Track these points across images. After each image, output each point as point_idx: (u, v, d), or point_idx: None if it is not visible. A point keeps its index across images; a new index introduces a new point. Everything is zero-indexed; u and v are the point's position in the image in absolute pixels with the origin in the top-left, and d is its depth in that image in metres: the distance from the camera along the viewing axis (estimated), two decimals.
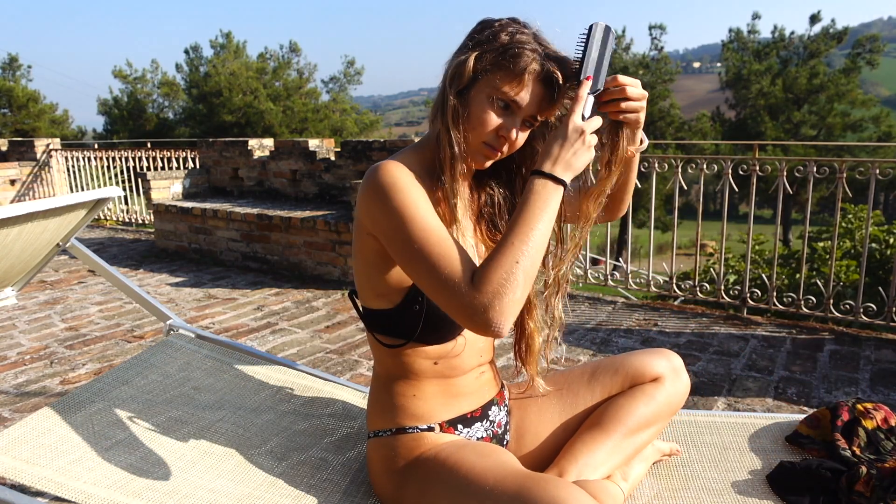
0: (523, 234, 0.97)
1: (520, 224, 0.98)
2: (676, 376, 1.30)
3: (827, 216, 17.30)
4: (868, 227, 3.50)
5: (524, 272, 0.95)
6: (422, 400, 1.17)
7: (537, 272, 1.00)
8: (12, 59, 25.45)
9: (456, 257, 0.98)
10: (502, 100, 1.04)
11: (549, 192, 0.99)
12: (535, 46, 1.04)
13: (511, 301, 0.94)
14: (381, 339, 1.16)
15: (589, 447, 1.22)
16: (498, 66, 1.03)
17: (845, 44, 24.20)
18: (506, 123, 1.06)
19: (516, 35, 1.04)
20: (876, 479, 1.25)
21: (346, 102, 26.68)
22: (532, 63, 1.03)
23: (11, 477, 1.11)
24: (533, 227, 0.97)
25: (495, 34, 1.05)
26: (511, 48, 1.03)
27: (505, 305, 0.93)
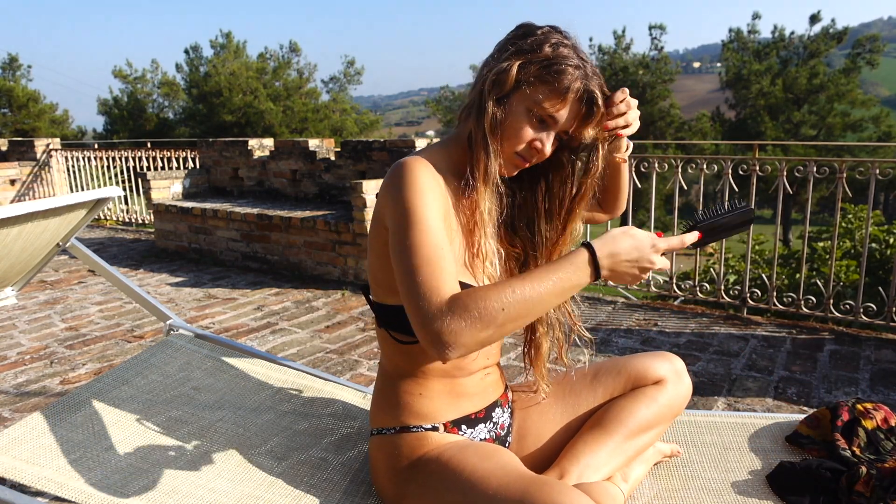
0: (529, 288, 0.93)
1: (533, 278, 0.94)
2: (679, 379, 1.31)
3: (827, 216, 17.30)
4: (868, 227, 3.50)
5: (502, 321, 0.91)
6: (427, 399, 1.17)
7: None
8: (12, 59, 25.44)
9: (441, 268, 0.95)
10: (540, 114, 1.05)
11: (580, 275, 0.96)
12: (577, 62, 1.03)
13: (474, 338, 0.90)
14: (395, 336, 1.15)
15: (590, 448, 1.23)
16: (541, 81, 1.03)
17: (845, 44, 24.20)
18: (540, 137, 1.06)
19: (559, 48, 1.04)
20: (876, 479, 1.25)
21: (346, 102, 26.68)
22: (575, 81, 1.03)
23: (11, 477, 1.11)
24: (542, 289, 0.93)
25: (539, 44, 1.04)
26: (555, 63, 1.02)
27: (465, 337, 0.90)
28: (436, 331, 0.90)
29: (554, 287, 0.94)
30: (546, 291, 0.93)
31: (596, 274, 0.97)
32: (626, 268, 0.98)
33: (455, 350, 0.90)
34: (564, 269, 0.95)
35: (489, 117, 1.05)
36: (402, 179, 1.02)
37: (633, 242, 0.98)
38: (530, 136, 1.06)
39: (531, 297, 0.92)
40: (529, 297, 0.92)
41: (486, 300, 0.91)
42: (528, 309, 0.93)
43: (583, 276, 0.96)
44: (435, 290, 0.93)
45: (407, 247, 0.97)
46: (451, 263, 0.98)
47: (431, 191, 1.02)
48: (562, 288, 0.95)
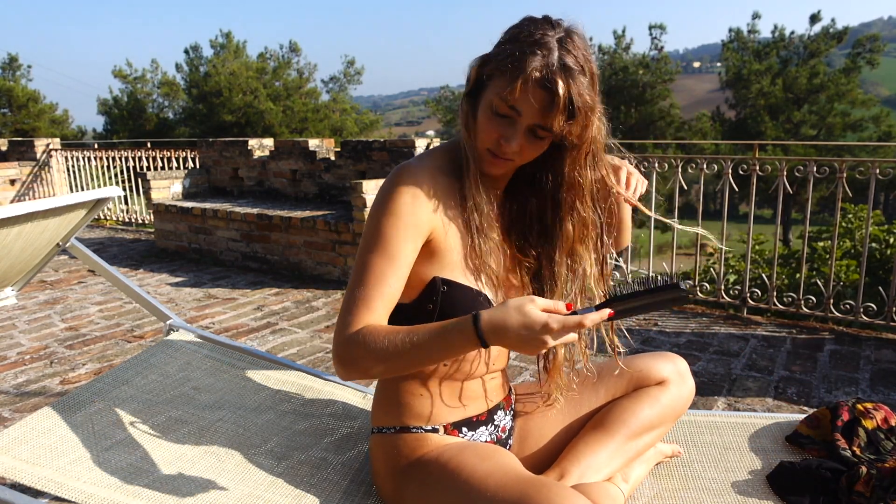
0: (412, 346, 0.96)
1: (422, 336, 0.96)
2: (682, 380, 1.30)
3: (827, 216, 17.30)
4: (868, 226, 3.50)
5: (386, 367, 0.98)
6: (428, 400, 1.16)
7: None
8: (12, 59, 25.43)
9: (372, 299, 1.01)
10: (498, 107, 1.00)
11: (464, 342, 0.93)
12: (547, 50, 0.96)
13: (361, 371, 1.00)
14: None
15: (592, 449, 1.22)
16: (500, 71, 0.99)
17: (845, 44, 24.18)
18: (505, 132, 1.01)
19: (532, 37, 0.97)
20: (876, 479, 1.25)
21: (346, 102, 26.67)
22: (532, 69, 0.95)
23: (11, 477, 1.11)
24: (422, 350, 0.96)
25: (514, 36, 1.00)
26: (518, 52, 0.97)
27: (353, 369, 1.00)
28: (338, 353, 1.01)
29: (439, 347, 0.95)
30: (431, 349, 0.96)
31: (481, 342, 0.92)
32: (516, 344, 0.91)
33: (349, 373, 1.01)
34: (451, 332, 0.94)
35: (462, 114, 1.06)
36: (387, 193, 1.05)
37: (524, 321, 0.89)
38: (495, 130, 1.02)
39: (417, 351, 0.96)
40: (415, 351, 0.96)
41: (378, 341, 0.97)
42: (414, 359, 0.97)
43: (467, 343, 0.93)
44: (356, 316, 1.01)
45: (361, 264, 1.04)
46: (391, 298, 1.03)
47: (411, 214, 1.04)
48: (446, 350, 0.96)
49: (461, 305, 1.08)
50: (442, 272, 1.09)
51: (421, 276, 1.09)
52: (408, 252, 1.04)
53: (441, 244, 1.08)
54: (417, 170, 1.07)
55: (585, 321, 0.88)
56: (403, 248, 1.03)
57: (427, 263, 1.09)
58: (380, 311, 1.02)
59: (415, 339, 0.96)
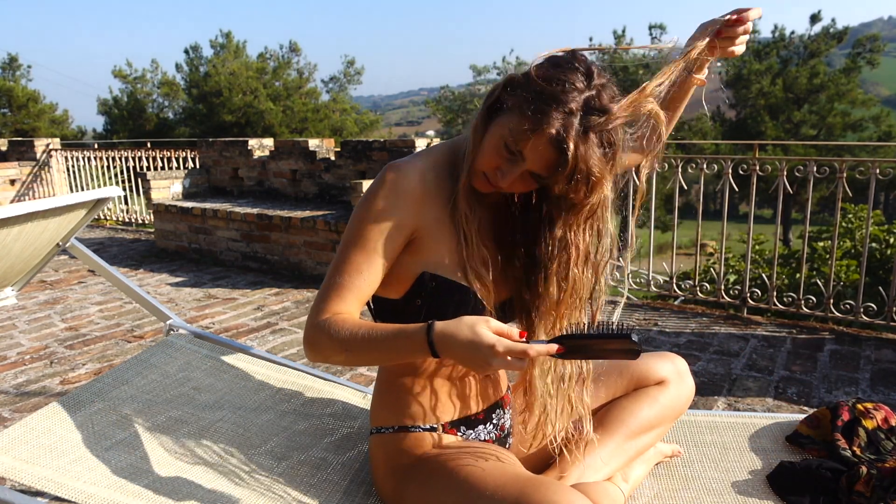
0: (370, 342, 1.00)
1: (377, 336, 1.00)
2: (681, 380, 1.31)
3: (827, 216, 17.29)
4: (868, 226, 3.50)
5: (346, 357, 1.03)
6: (426, 399, 1.17)
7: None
8: (12, 59, 25.43)
9: (347, 291, 1.06)
10: (507, 144, 0.99)
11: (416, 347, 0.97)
12: (569, 110, 0.93)
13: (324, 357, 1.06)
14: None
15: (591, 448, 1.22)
16: (520, 109, 0.97)
17: (845, 43, 24.18)
18: (504, 167, 1.01)
19: (562, 85, 0.94)
20: (876, 479, 1.25)
21: (346, 102, 26.66)
22: (549, 127, 0.93)
23: (11, 477, 1.11)
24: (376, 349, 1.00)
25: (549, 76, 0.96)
26: (543, 100, 0.94)
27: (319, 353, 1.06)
28: (306, 336, 1.06)
29: (393, 348, 1.00)
30: (387, 348, 1.00)
31: (432, 351, 0.95)
32: (462, 359, 0.94)
33: (314, 356, 1.06)
34: (406, 336, 0.98)
35: (474, 127, 1.06)
36: (372, 190, 1.08)
37: (472, 339, 0.91)
38: (495, 163, 1.01)
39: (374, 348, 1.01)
40: (373, 347, 1.00)
41: (342, 332, 1.02)
42: (371, 354, 1.03)
43: (419, 350, 0.97)
44: (328, 304, 1.05)
45: (339, 258, 1.08)
46: (366, 290, 1.07)
47: (394, 211, 1.06)
48: (398, 351, 1.00)
49: (450, 301, 1.08)
50: (431, 268, 1.09)
51: (410, 271, 1.09)
52: (387, 249, 1.06)
53: (429, 241, 1.08)
54: (406, 167, 1.07)
55: (530, 351, 0.90)
56: (382, 245, 1.06)
57: (416, 259, 1.09)
58: (351, 302, 1.06)
59: (373, 336, 1.00)
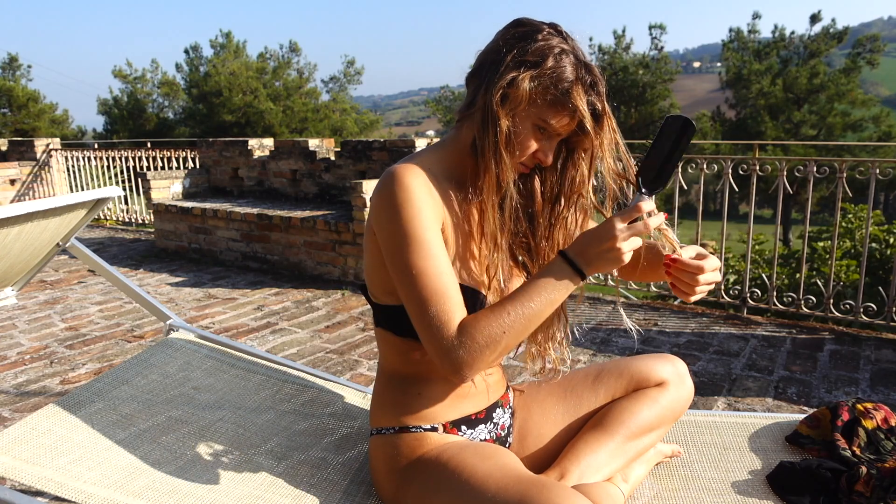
0: (522, 306, 1.01)
1: (523, 296, 1.01)
2: (681, 381, 1.31)
3: (827, 216, 17.29)
4: (868, 226, 3.50)
5: (506, 343, 1.00)
6: (426, 399, 1.17)
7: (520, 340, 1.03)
8: (12, 58, 25.44)
9: (448, 297, 1.01)
10: (546, 129, 1.06)
11: (562, 279, 1.01)
12: (580, 73, 1.03)
13: (486, 362, 1.01)
14: (390, 334, 1.16)
15: (591, 449, 1.22)
16: (549, 99, 1.03)
17: (845, 44, 24.18)
18: (544, 147, 1.09)
19: (561, 57, 1.03)
20: (876, 479, 1.25)
21: (346, 102, 26.68)
22: (581, 100, 1.03)
23: (11, 477, 1.11)
24: (534, 304, 1.01)
25: (543, 55, 1.02)
26: (561, 80, 1.02)
27: (479, 364, 1.01)
28: (452, 361, 1.00)
29: (546, 300, 1.01)
30: (539, 305, 1.01)
31: (578, 273, 1.01)
32: (598, 255, 1.00)
33: (470, 373, 1.01)
34: (549, 280, 1.01)
35: (503, 133, 1.03)
36: (396, 196, 1.01)
37: (593, 232, 1.01)
38: (535, 147, 1.08)
39: (528, 314, 1.01)
40: (526, 315, 1.01)
41: (489, 328, 0.99)
42: (527, 326, 1.01)
43: (568, 280, 1.01)
44: (447, 323, 1.00)
45: (413, 274, 1.01)
46: (456, 285, 1.03)
47: (427, 206, 1.03)
48: (553, 298, 1.02)
49: None
50: None
51: None
52: (441, 245, 1.05)
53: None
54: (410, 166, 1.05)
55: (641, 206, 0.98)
56: (438, 240, 1.04)
57: None
58: (460, 307, 1.03)
59: (521, 312, 1.00)
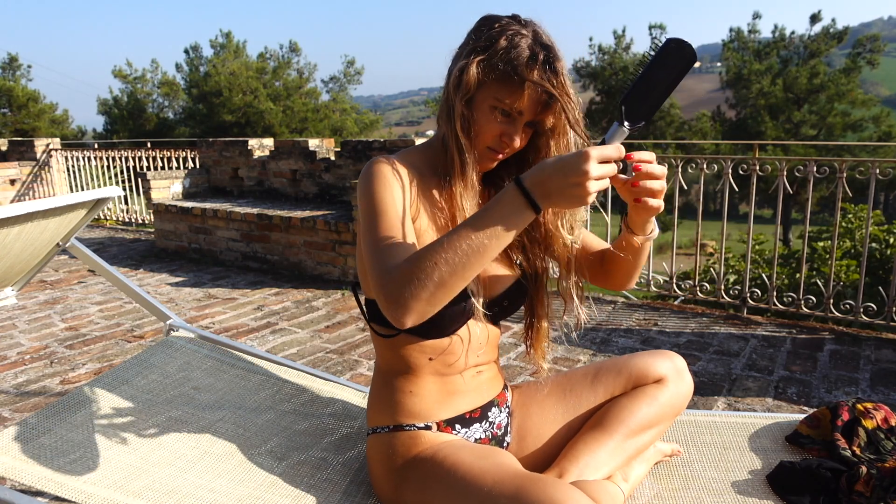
0: (459, 238, 0.90)
1: (465, 227, 0.90)
2: (680, 378, 1.30)
3: (827, 216, 17.29)
4: (868, 226, 3.50)
5: (440, 276, 0.89)
6: (418, 397, 1.17)
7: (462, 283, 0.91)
8: (12, 58, 25.45)
9: (396, 242, 0.98)
10: (503, 109, 1.06)
11: (512, 210, 0.89)
12: (534, 51, 1.03)
13: (417, 297, 0.89)
14: (377, 329, 1.17)
15: (590, 448, 1.22)
16: (499, 77, 1.04)
17: (845, 43, 24.19)
18: (508, 130, 1.07)
19: (515, 39, 1.04)
20: (876, 478, 1.25)
21: (346, 102, 26.68)
22: (531, 73, 1.02)
23: (11, 477, 1.11)
24: (474, 236, 0.89)
25: (494, 38, 1.05)
26: (511, 57, 1.03)
27: (409, 299, 0.89)
28: (384, 298, 0.92)
29: (490, 232, 0.89)
30: (480, 238, 0.89)
31: (532, 205, 0.88)
32: (561, 188, 0.87)
33: (404, 313, 0.90)
34: (495, 210, 0.89)
35: (459, 118, 1.07)
36: (368, 175, 1.07)
37: (560, 159, 0.87)
38: (498, 130, 1.07)
39: (465, 246, 0.89)
40: (464, 248, 0.89)
41: (421, 259, 0.90)
42: (465, 260, 0.89)
43: (516, 209, 0.89)
44: (386, 264, 0.95)
45: (367, 229, 1.03)
46: (408, 241, 1.01)
47: (396, 188, 1.06)
48: (497, 231, 0.89)
49: None
50: None
51: None
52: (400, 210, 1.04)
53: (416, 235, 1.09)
54: (393, 158, 1.11)
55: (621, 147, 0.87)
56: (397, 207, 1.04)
57: None
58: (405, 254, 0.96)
59: (457, 243, 0.89)
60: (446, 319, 1.12)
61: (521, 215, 0.89)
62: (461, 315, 1.13)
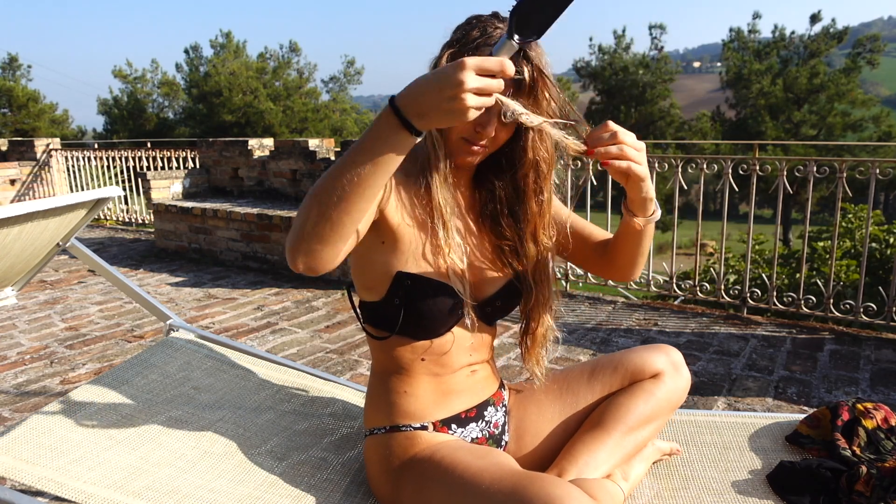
0: (337, 169, 0.87)
1: (343, 158, 0.87)
2: (676, 372, 1.30)
3: (827, 216, 17.29)
4: (868, 226, 3.50)
5: (319, 211, 0.88)
6: (413, 397, 1.17)
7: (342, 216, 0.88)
8: (12, 59, 25.46)
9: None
10: None
11: (385, 130, 0.83)
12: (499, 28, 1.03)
13: (299, 239, 0.89)
14: (370, 331, 1.18)
15: (589, 447, 1.22)
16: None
17: (845, 43, 24.20)
18: (481, 119, 1.03)
19: (488, 29, 1.04)
20: (876, 478, 1.25)
21: (346, 102, 26.71)
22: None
23: (11, 477, 1.11)
24: (351, 165, 0.86)
25: (468, 31, 1.05)
26: (478, 45, 1.02)
27: (293, 240, 0.90)
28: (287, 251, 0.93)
29: (364, 157, 0.85)
30: (357, 165, 0.85)
31: (404, 123, 0.82)
32: (436, 103, 0.80)
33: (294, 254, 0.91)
34: (369, 133, 0.85)
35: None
36: None
37: (435, 72, 0.81)
38: (471, 124, 1.04)
39: (343, 177, 0.86)
40: (344, 179, 0.86)
41: (306, 199, 0.90)
42: (343, 190, 0.86)
43: (391, 131, 0.83)
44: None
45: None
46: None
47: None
48: (372, 155, 0.84)
49: (427, 298, 1.10)
50: (406, 266, 1.10)
51: (386, 271, 1.11)
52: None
53: (398, 235, 1.09)
54: None
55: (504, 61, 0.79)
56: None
57: (391, 258, 1.10)
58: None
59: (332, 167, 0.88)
60: (436, 320, 1.12)
61: (395, 137, 0.83)
62: (451, 315, 1.13)
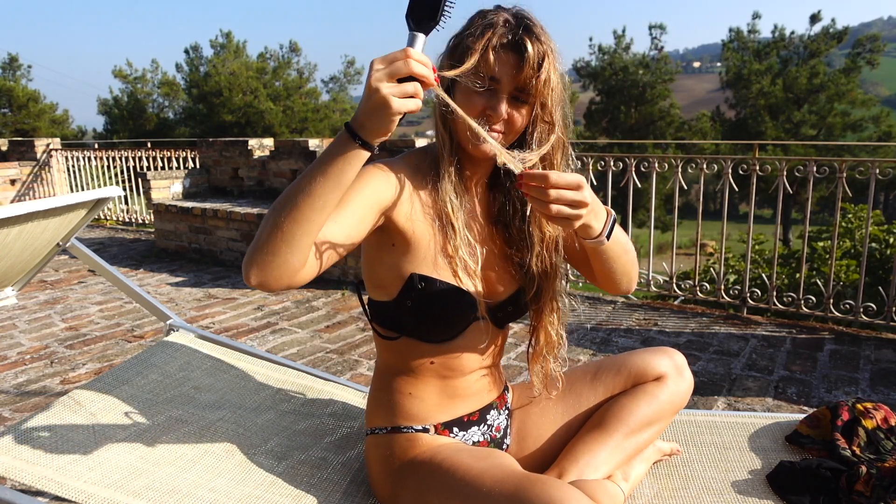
0: (297, 183, 0.88)
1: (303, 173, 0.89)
2: (679, 375, 1.30)
3: (827, 216, 17.29)
4: (868, 226, 3.50)
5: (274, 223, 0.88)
6: (418, 399, 1.17)
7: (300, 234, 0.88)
8: (12, 58, 25.45)
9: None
10: (479, 82, 1.02)
11: (339, 143, 0.87)
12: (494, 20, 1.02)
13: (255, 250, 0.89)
14: (379, 330, 1.17)
15: (590, 448, 1.22)
16: (463, 51, 1.03)
17: (845, 43, 24.17)
18: (490, 103, 1.03)
19: (488, 17, 1.04)
20: (876, 478, 1.25)
21: (346, 102, 26.69)
22: (493, 37, 1.01)
23: (11, 477, 1.11)
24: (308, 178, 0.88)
25: (471, 22, 1.05)
26: (477, 32, 1.02)
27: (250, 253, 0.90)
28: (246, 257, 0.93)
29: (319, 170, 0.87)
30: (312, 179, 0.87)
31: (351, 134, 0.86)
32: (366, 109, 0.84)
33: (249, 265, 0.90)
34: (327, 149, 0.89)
35: (440, 106, 1.05)
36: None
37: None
38: (478, 104, 1.03)
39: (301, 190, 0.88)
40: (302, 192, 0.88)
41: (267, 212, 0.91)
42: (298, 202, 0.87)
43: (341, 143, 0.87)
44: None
45: None
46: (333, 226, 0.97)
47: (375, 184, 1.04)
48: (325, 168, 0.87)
49: (439, 300, 1.09)
50: (419, 268, 1.09)
51: (398, 272, 1.10)
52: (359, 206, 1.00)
53: (410, 238, 1.09)
54: (387, 161, 1.11)
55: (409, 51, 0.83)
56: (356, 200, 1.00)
57: (403, 260, 1.10)
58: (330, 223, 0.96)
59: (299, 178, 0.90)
60: (448, 323, 1.12)
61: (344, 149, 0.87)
62: (463, 319, 1.13)
